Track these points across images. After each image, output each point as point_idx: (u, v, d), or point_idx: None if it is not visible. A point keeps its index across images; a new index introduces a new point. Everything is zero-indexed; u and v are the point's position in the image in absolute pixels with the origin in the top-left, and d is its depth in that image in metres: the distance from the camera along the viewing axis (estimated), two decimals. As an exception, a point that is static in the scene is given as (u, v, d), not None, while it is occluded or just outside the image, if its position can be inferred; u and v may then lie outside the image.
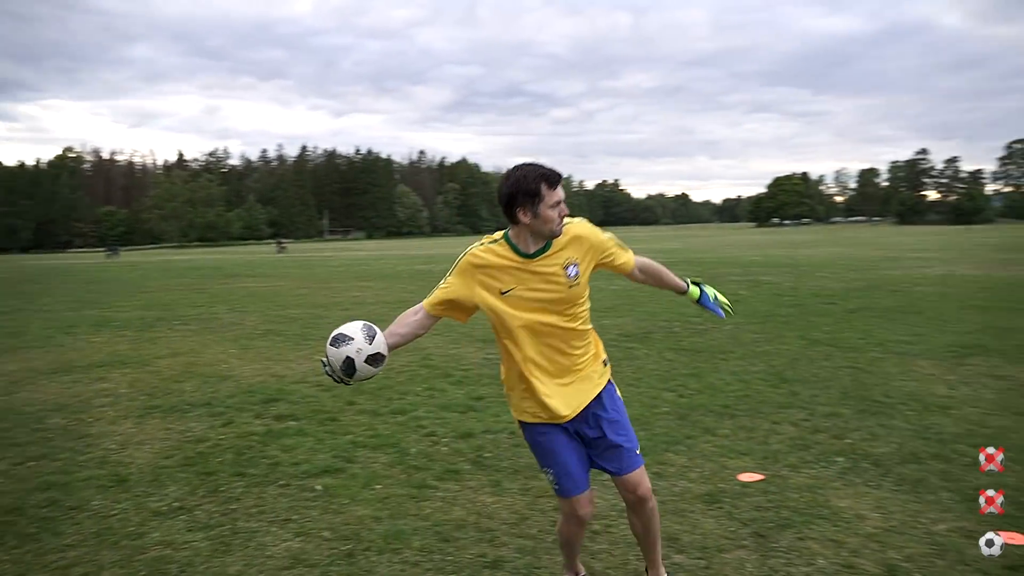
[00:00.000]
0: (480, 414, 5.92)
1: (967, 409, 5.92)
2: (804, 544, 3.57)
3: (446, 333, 10.21)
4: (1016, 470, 4.49)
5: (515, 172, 2.63)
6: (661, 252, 36.07)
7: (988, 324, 10.38)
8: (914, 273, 20.01)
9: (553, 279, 2.71)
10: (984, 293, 14.65)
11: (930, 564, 3.32)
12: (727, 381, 6.96)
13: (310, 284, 19.73)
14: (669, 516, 3.89)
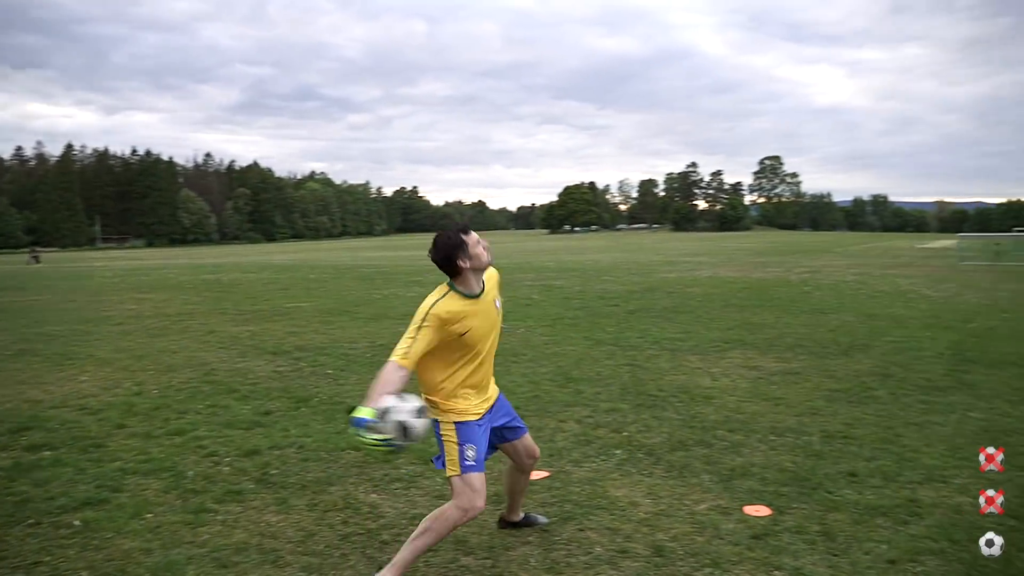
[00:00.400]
0: (267, 430, 5.65)
1: (726, 398, 6.57)
2: (583, 534, 3.77)
3: (232, 346, 9.67)
4: (762, 449, 5.06)
5: (440, 239, 3.24)
6: (459, 259, 36.61)
7: (745, 321, 11.61)
8: (687, 276, 21.94)
9: (492, 312, 3.34)
10: (742, 293, 16.39)
11: (691, 541, 3.64)
12: (518, 383, 7.20)
13: (77, 297, 17.82)
14: (459, 519, 3.94)
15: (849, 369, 7.77)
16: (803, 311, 12.86)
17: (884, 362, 8.13)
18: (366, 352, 9.08)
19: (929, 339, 9.66)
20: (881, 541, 3.61)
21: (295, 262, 35.98)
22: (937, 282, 19.38)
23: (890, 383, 7.07)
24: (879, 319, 11.75)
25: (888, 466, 4.69)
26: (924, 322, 11.36)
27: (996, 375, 7.39)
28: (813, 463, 4.76)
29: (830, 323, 11.29)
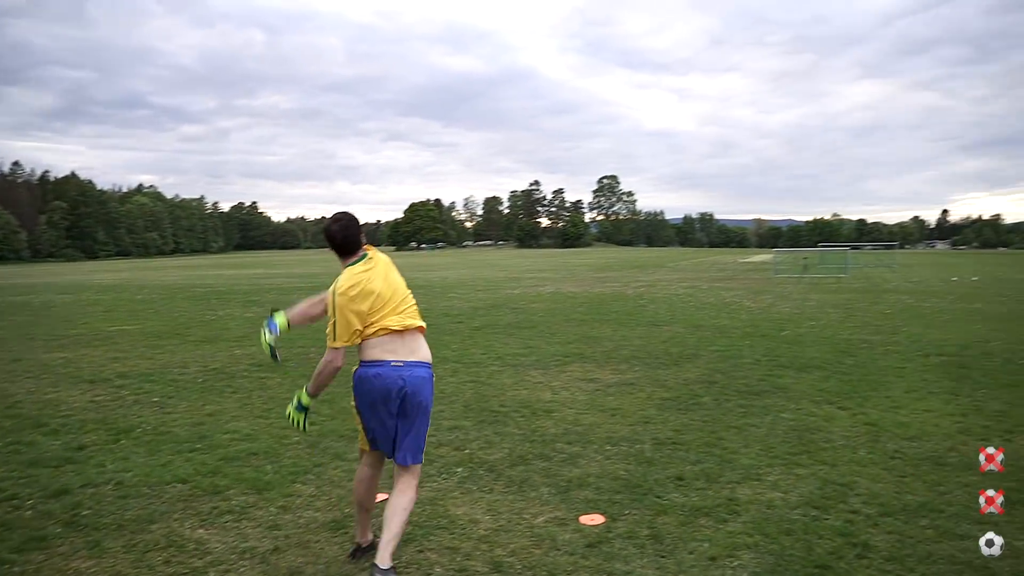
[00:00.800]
0: (80, 466, 5.18)
1: (566, 411, 6.77)
2: (423, 556, 3.74)
3: (42, 375, 8.80)
4: (598, 459, 5.25)
5: (344, 217, 3.72)
6: (303, 277, 35.49)
7: (584, 334, 12.04)
8: (530, 292, 22.45)
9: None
10: (583, 307, 17.00)
11: (529, 555, 3.70)
12: (360, 404, 7.04)
13: None
14: (294, 549, 3.79)
15: (679, 378, 8.24)
16: (639, 324, 13.52)
17: (709, 370, 8.69)
18: (197, 377, 8.56)
19: (748, 347, 10.45)
20: (703, 540, 3.83)
21: (120, 282, 33.36)
22: (756, 294, 21.04)
23: (714, 389, 7.57)
24: (706, 329, 12.57)
25: (711, 468, 5.00)
26: (744, 331, 12.28)
27: (804, 378, 8.11)
28: (644, 470, 4.99)
29: (663, 335, 11.94)
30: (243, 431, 6.08)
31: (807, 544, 3.75)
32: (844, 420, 6.28)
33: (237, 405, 7.09)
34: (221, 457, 5.34)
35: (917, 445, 5.51)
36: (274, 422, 6.38)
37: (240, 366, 9.30)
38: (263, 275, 38.60)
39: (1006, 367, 8.71)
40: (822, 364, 8.96)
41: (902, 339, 11.18)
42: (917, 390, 7.47)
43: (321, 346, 3.51)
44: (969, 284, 25.45)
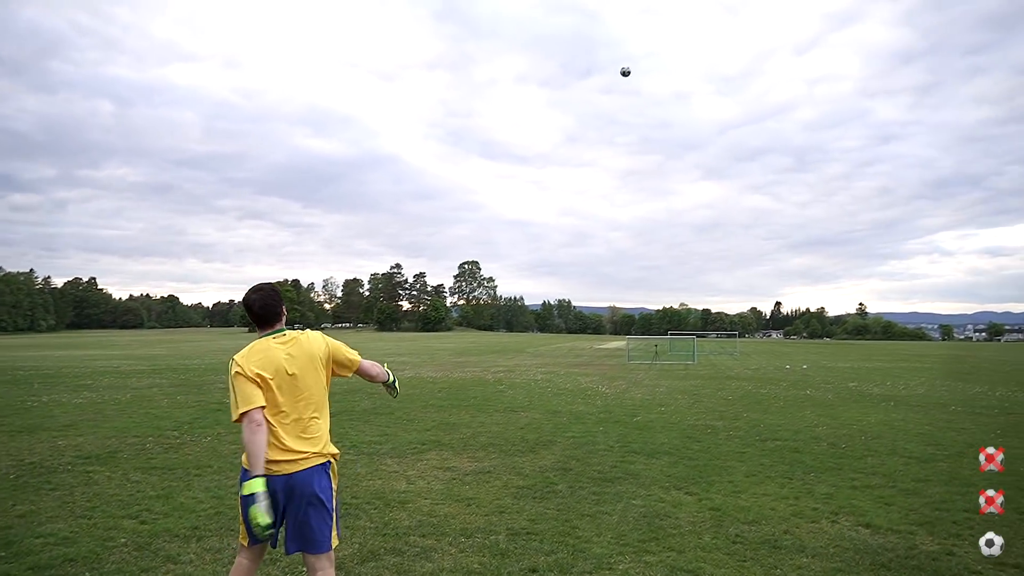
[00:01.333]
0: None
1: (421, 501, 6.60)
2: (260, 668, 3.46)
3: None
4: (452, 552, 5.12)
5: (269, 286, 3.64)
6: (144, 359, 33.15)
7: (443, 421, 11.91)
8: (389, 376, 22.03)
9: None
10: (442, 393, 16.87)
11: (377, 660, 3.51)
12: (199, 499, 6.56)
13: None
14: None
15: (535, 465, 8.28)
16: (496, 410, 13.55)
17: (565, 456, 8.80)
18: (9, 473, 7.68)
19: (602, 433, 10.70)
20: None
21: (-76, 363, 29.76)
22: (610, 379, 21.72)
23: (569, 476, 7.66)
24: (562, 415, 12.78)
25: (564, 559, 5.00)
26: (599, 417, 12.59)
27: (654, 463, 8.37)
28: (499, 562, 4.92)
29: (520, 421, 12.02)
30: (60, 534, 5.48)
31: None
32: (691, 505, 6.51)
33: (56, 504, 6.40)
34: (30, 566, 4.77)
35: (756, 528, 5.78)
36: (98, 522, 5.80)
37: (63, 458, 8.45)
38: (98, 356, 35.69)
39: (831, 451, 9.40)
40: (671, 450, 9.30)
41: (743, 424, 11.84)
42: (756, 474, 7.88)
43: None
44: (800, 372, 27.51)
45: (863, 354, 49.41)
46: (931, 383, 21.89)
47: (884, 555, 5.13)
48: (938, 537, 5.58)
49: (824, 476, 7.82)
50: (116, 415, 12.42)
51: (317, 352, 3.56)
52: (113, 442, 9.65)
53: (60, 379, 20.68)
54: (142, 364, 28.75)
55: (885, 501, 6.72)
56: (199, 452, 8.98)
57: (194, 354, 38.35)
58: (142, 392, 16.82)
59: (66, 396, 15.82)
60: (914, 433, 11.06)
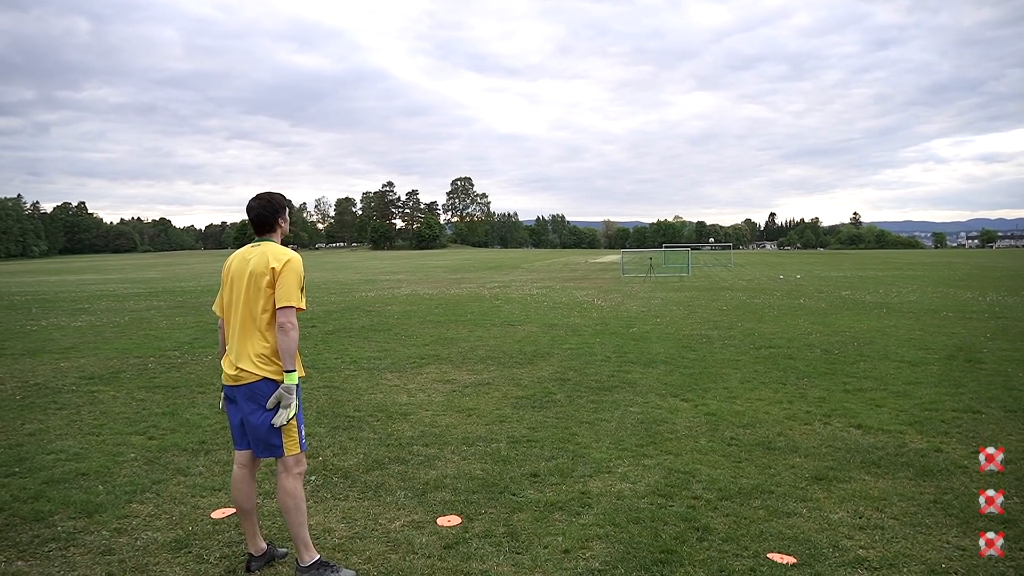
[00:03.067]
0: None
1: (422, 413, 6.73)
2: (272, 569, 3.59)
3: None
4: (455, 460, 5.26)
5: (269, 195, 3.67)
6: (140, 282, 33.16)
7: (441, 336, 12.04)
8: (386, 295, 22.18)
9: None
10: (439, 309, 16.99)
11: (386, 560, 3.65)
12: (204, 415, 6.68)
13: None
14: (130, 574, 3.53)
15: (533, 376, 8.41)
16: (494, 324, 13.68)
17: (563, 368, 8.94)
18: (15, 394, 7.78)
19: (599, 344, 10.84)
20: (557, 534, 3.93)
21: (-80, 291, 29.76)
22: (606, 293, 21.88)
23: (567, 387, 7.79)
24: (559, 328, 12.92)
25: (565, 464, 5.14)
26: (595, 329, 12.73)
27: (650, 373, 8.51)
28: (501, 468, 5.05)
29: (517, 334, 12.15)
30: (71, 450, 5.59)
31: (654, 531, 3.94)
32: (687, 411, 6.65)
33: (63, 422, 6.51)
34: (44, 480, 4.88)
35: (751, 431, 5.93)
36: (107, 438, 5.91)
37: (67, 379, 8.55)
38: (93, 280, 35.68)
39: (824, 357, 9.56)
40: (667, 359, 9.45)
41: (737, 334, 12.00)
42: (750, 381, 8.03)
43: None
44: (794, 282, 27.71)
45: (856, 263, 49.69)
46: (923, 290, 22.10)
47: (874, 453, 5.29)
48: (927, 435, 5.74)
49: (817, 381, 7.98)
50: (116, 337, 12.51)
51: (259, 269, 3.44)
52: (115, 363, 9.75)
53: (57, 303, 20.73)
54: (138, 287, 28.79)
55: (876, 403, 6.88)
56: (201, 370, 9.09)
57: (189, 276, 38.39)
58: (140, 314, 16.89)
59: (65, 320, 15.89)
60: (905, 338, 11.23)
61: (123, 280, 35.71)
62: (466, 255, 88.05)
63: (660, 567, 3.53)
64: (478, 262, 57.97)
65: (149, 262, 79.84)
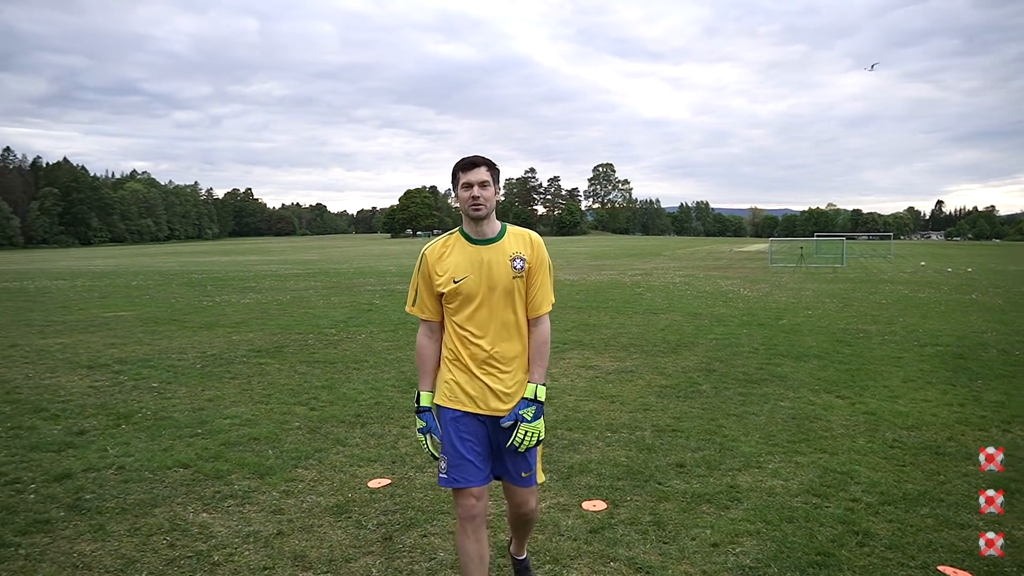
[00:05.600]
0: (81, 451, 5.17)
1: (565, 397, 6.78)
2: (427, 540, 3.75)
3: (40, 361, 8.78)
4: (599, 446, 5.26)
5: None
6: (299, 264, 35.39)
7: (582, 322, 12.05)
8: (526, 279, 22.42)
9: (498, 266, 2.85)
10: (580, 295, 17.01)
11: (533, 540, 3.71)
12: (360, 390, 7.05)
13: None
14: (297, 534, 3.80)
15: (678, 366, 8.26)
16: (636, 312, 13.53)
17: (708, 358, 8.72)
18: (195, 363, 8.54)
19: (746, 335, 10.47)
20: (705, 526, 3.85)
21: (115, 268, 33.25)
22: (752, 283, 21.08)
23: (713, 377, 7.59)
24: (703, 318, 12.59)
25: (712, 456, 5.02)
26: (742, 320, 12.30)
27: (802, 367, 8.13)
28: (645, 457, 5.01)
29: (660, 323, 11.96)
30: (243, 416, 6.08)
31: (809, 531, 3.77)
32: (843, 409, 6.31)
33: (236, 391, 7.08)
34: (222, 442, 5.34)
35: (916, 434, 5.54)
36: (274, 407, 6.38)
37: (238, 352, 9.29)
38: (258, 261, 38.46)
39: (1003, 358, 8.75)
40: (820, 353, 8.99)
41: (899, 329, 11.22)
42: (915, 380, 7.50)
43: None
44: (964, 275, 25.53)
45: (1039, 256, 45.02)
46: (1122, 287, 19.73)
47: (1063, 465, 4.80)
48: None
49: (994, 384, 7.32)
50: (279, 314, 13.42)
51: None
52: (279, 338, 10.48)
53: (228, 282, 22.53)
54: (297, 268, 30.74)
55: (1064, 410, 6.23)
56: (355, 348, 9.59)
57: (343, 259, 40.52)
58: (300, 294, 18.04)
59: (235, 297, 17.25)
60: (1100, 340, 10.08)
61: (284, 261, 38.23)
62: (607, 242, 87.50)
63: (816, 569, 3.38)
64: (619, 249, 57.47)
65: (306, 245, 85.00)
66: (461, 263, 2.85)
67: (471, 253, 2.85)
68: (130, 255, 57.18)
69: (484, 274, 2.82)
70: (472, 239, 2.87)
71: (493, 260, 2.83)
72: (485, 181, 2.81)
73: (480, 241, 2.86)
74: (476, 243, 2.86)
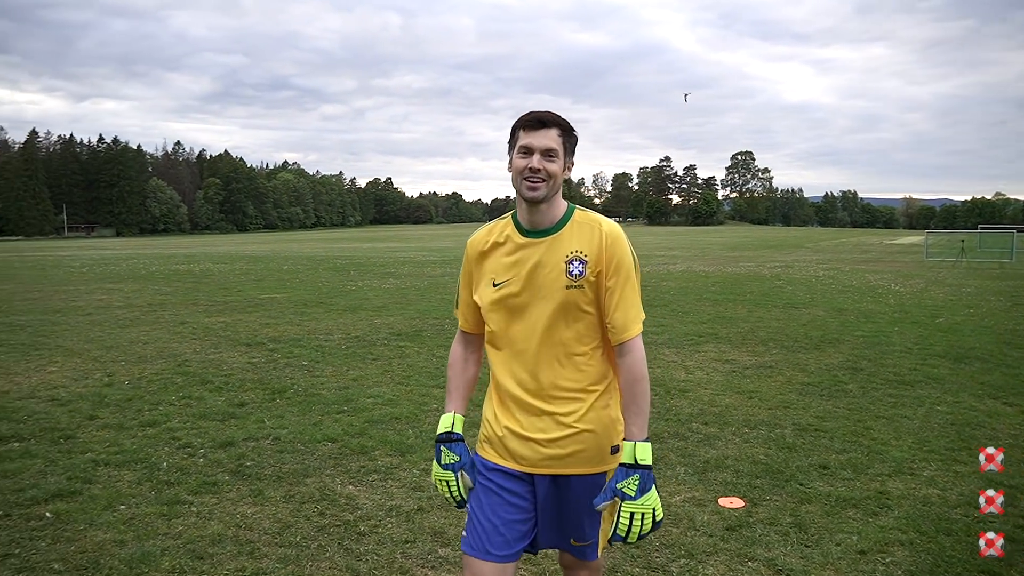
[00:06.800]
0: (242, 421, 5.60)
1: (701, 391, 6.64)
2: None
3: (205, 337, 9.56)
4: (736, 442, 5.12)
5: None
6: (435, 251, 36.50)
7: (718, 315, 11.73)
8: (661, 270, 22.08)
9: (549, 270, 2.05)
10: (715, 287, 16.54)
11: (666, 532, 3.68)
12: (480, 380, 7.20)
13: (43, 287, 17.48)
14: (436, 511, 3.94)
15: (821, 363, 7.88)
16: (775, 305, 13.01)
17: (854, 356, 8.26)
18: (341, 344, 9.02)
19: (897, 334, 9.84)
20: (852, 532, 3.67)
21: (268, 253, 35.62)
22: (905, 277, 19.72)
23: (860, 377, 7.19)
24: (849, 314, 11.93)
25: (858, 458, 4.77)
26: (892, 317, 11.56)
27: (962, 369, 7.55)
28: (786, 455, 4.83)
29: (802, 317, 11.44)
30: (385, 396, 6.37)
31: (970, 546, 3.51)
32: (1011, 417, 5.81)
33: (379, 371, 7.42)
34: (366, 420, 5.62)
35: (1097, 447, 5.02)
36: (413, 388, 6.64)
37: (379, 335, 9.71)
38: (397, 248, 40.01)
39: None
40: (983, 355, 8.30)
41: (1078, 331, 10.18)
42: (1096, 387, 6.79)
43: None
44: None
45: None
46: None
47: None
48: None
49: None
50: (417, 299, 13.92)
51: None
52: (417, 322, 10.87)
53: (369, 267, 23.58)
54: (433, 255, 31.71)
55: None
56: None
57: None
58: (436, 280, 18.62)
59: (376, 282, 18.04)
60: None
61: (421, 248, 39.57)
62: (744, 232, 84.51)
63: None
64: (757, 240, 55.37)
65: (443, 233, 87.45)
66: (504, 262, 2.10)
67: (518, 248, 2.09)
68: (281, 241, 61.03)
69: (529, 280, 2.06)
70: (523, 229, 2.11)
71: (543, 261, 2.05)
72: (551, 150, 2.01)
73: (532, 232, 2.09)
74: (527, 235, 2.09)
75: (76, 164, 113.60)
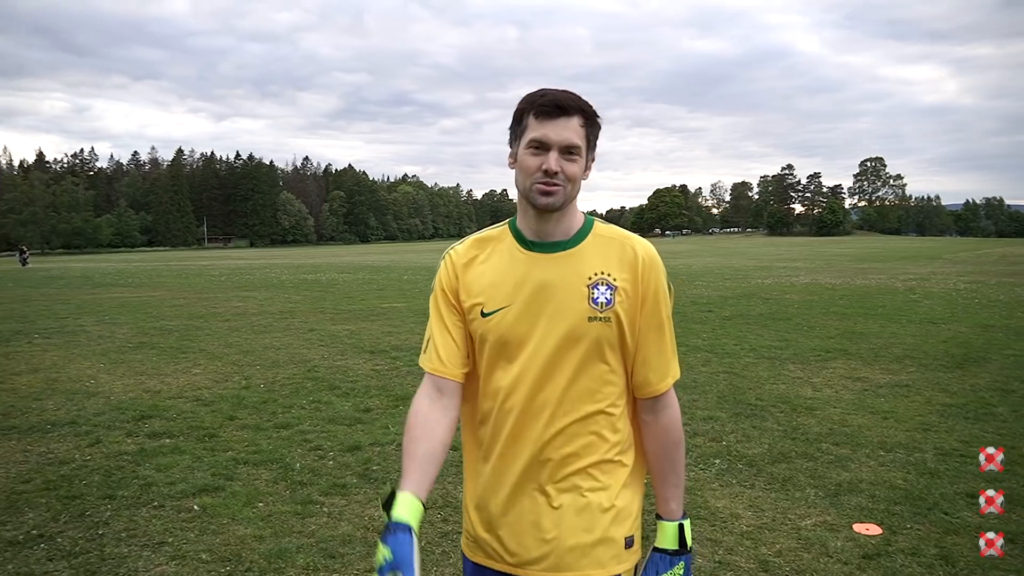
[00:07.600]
0: (368, 426, 5.82)
1: (829, 409, 6.33)
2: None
3: (332, 344, 9.99)
4: (871, 465, 4.85)
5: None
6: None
7: (847, 329, 11.16)
8: (783, 282, 21.27)
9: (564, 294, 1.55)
10: (843, 300, 15.76)
11: (797, 557, 3.52)
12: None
13: (187, 294, 18.81)
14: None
15: (965, 383, 7.35)
16: (911, 320, 12.25)
17: (1004, 376, 7.65)
18: (460, 353, 9.20)
19: (1054, 353, 9.03)
20: (1009, 570, 3.39)
21: (389, 263, 36.89)
22: (1061, 292, 18.10)
23: (1012, 399, 6.65)
24: (996, 330, 11.07)
25: (1014, 488, 4.41)
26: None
27: None
28: (927, 481, 4.53)
29: (941, 334, 10.71)
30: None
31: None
32: None
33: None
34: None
35: None
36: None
37: (497, 344, 9.84)
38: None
39: None
40: None
41: None
42: None
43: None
44: None
45: None
46: None
47: None
48: None
49: None
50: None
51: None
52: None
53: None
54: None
55: None
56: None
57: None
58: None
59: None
60: None
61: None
62: (873, 243, 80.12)
63: None
64: (888, 251, 52.34)
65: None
66: (501, 281, 1.58)
67: (520, 265, 1.58)
68: (401, 251, 63.05)
69: (537, 305, 1.54)
70: (526, 241, 1.60)
71: (556, 281, 1.54)
72: (573, 146, 1.51)
73: (540, 246, 1.58)
74: (532, 248, 1.59)
75: (215, 179, 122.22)
